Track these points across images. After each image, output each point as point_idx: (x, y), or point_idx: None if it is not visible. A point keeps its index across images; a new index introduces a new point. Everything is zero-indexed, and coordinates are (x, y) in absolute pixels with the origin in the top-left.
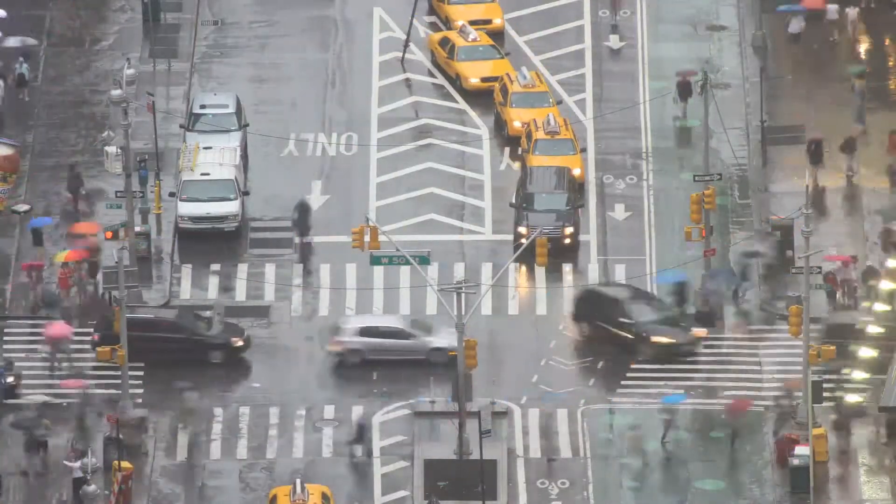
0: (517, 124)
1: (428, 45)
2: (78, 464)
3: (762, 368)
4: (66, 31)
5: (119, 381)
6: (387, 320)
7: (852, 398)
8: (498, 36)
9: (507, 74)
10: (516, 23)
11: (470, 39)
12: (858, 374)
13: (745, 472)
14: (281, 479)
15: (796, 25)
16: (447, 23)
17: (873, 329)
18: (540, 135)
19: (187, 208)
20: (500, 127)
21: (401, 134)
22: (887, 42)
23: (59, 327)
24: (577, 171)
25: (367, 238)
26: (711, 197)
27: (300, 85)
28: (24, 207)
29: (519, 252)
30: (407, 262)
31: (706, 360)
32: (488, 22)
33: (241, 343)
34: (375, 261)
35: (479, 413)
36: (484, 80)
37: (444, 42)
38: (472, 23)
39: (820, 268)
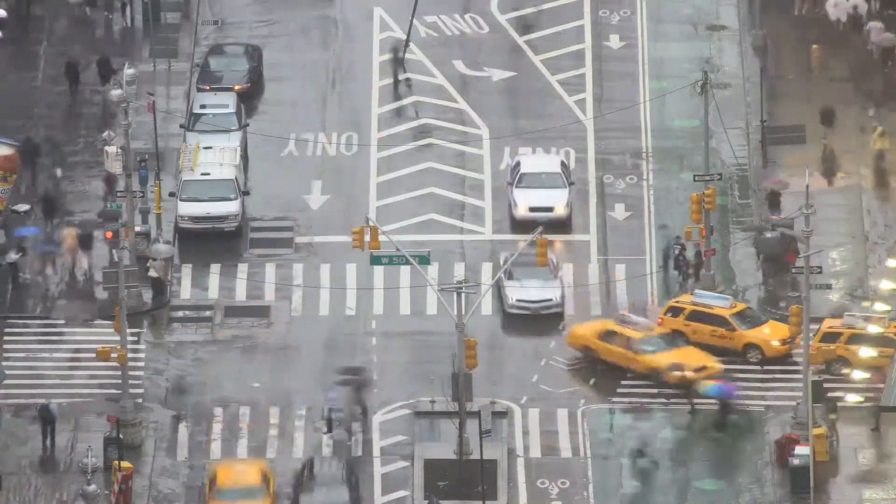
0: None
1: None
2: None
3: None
4: (66, 32)
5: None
6: None
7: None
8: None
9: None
10: (516, 23)
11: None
12: (858, 374)
13: (745, 472)
14: (281, 479)
15: None
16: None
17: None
18: None
19: (187, 208)
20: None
21: (401, 134)
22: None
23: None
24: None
25: (367, 238)
26: (711, 197)
27: (300, 85)
28: (24, 207)
29: (518, 254)
30: (407, 262)
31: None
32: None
33: None
34: (375, 261)
35: (479, 413)
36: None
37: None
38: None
39: (820, 267)
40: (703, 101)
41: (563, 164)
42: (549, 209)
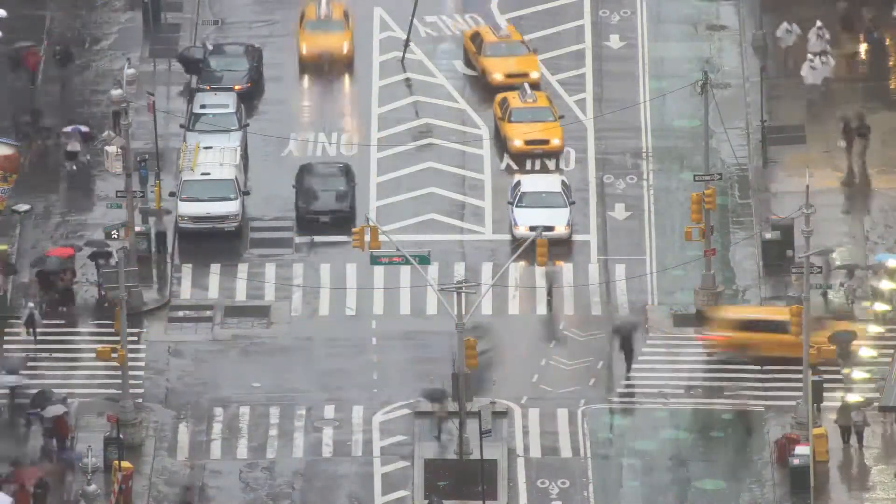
0: (517, 143)
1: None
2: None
3: (761, 367)
4: (66, 31)
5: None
6: None
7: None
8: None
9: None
10: (516, 23)
11: (527, 100)
12: (858, 374)
13: (745, 472)
14: (281, 479)
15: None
16: (484, 76)
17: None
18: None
19: (187, 208)
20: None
21: (401, 134)
22: (888, 41)
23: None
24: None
25: (367, 238)
26: (711, 197)
27: (300, 85)
28: (24, 207)
29: (518, 252)
30: (407, 262)
31: (707, 360)
32: (525, 75)
33: None
34: (375, 261)
35: (480, 413)
36: (528, 143)
37: (503, 102)
38: (509, 76)
39: (821, 268)
40: (703, 101)
41: (563, 183)
42: (550, 229)
